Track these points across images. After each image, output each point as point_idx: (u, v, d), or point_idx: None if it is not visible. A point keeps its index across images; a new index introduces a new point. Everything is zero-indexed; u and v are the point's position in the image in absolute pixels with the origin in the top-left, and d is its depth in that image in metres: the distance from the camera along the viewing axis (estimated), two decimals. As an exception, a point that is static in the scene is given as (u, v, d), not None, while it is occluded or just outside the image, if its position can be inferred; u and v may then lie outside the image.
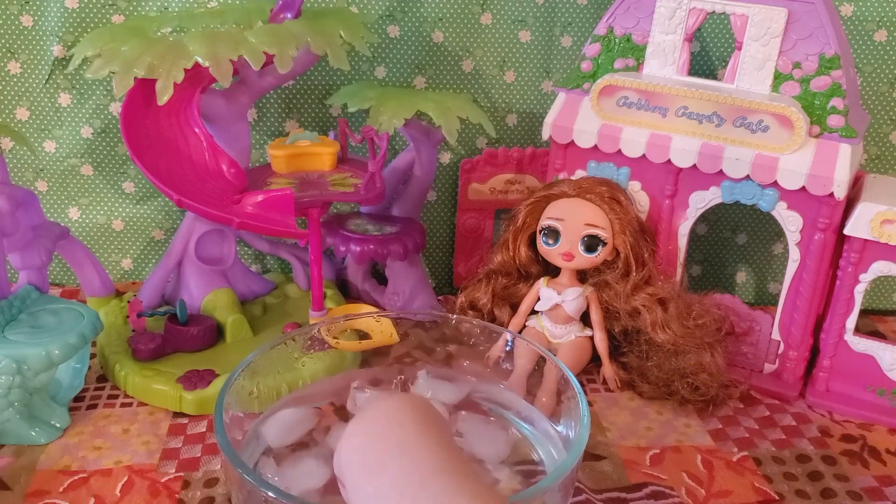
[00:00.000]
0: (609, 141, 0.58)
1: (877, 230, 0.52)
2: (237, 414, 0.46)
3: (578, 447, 0.36)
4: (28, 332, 0.50)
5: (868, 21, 0.65)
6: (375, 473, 0.26)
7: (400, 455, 0.26)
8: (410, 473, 0.25)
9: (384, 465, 0.27)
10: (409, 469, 0.26)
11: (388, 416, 0.29)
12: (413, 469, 0.25)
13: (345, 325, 0.53)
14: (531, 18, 0.67)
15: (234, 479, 0.39)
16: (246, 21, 0.59)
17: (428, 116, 0.60)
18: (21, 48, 0.64)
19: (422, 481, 0.25)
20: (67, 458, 0.48)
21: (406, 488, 0.25)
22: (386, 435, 0.28)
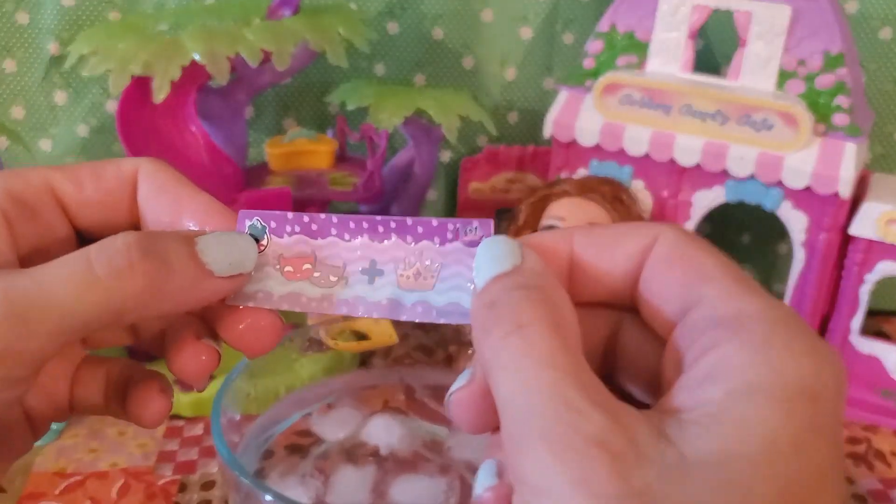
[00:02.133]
0: (611, 139, 0.57)
1: (882, 230, 0.52)
2: (234, 416, 0.46)
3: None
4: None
5: (873, 18, 0.64)
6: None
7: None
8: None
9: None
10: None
11: None
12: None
13: (343, 325, 0.52)
14: (532, 15, 0.67)
15: (231, 482, 0.39)
16: (243, 18, 0.58)
17: (428, 114, 0.59)
18: (16, 46, 0.64)
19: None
20: (63, 461, 0.48)
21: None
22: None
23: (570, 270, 0.22)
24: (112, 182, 0.24)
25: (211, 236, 0.22)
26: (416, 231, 0.22)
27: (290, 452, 0.47)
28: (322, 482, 0.44)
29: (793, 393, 0.17)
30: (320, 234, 0.23)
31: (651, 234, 0.21)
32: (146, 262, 0.20)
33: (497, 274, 0.20)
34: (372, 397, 0.52)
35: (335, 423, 0.48)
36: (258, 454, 0.47)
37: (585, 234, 0.22)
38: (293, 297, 0.23)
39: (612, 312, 0.23)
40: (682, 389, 0.19)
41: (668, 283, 0.21)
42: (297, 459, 0.47)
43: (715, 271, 0.20)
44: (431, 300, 0.22)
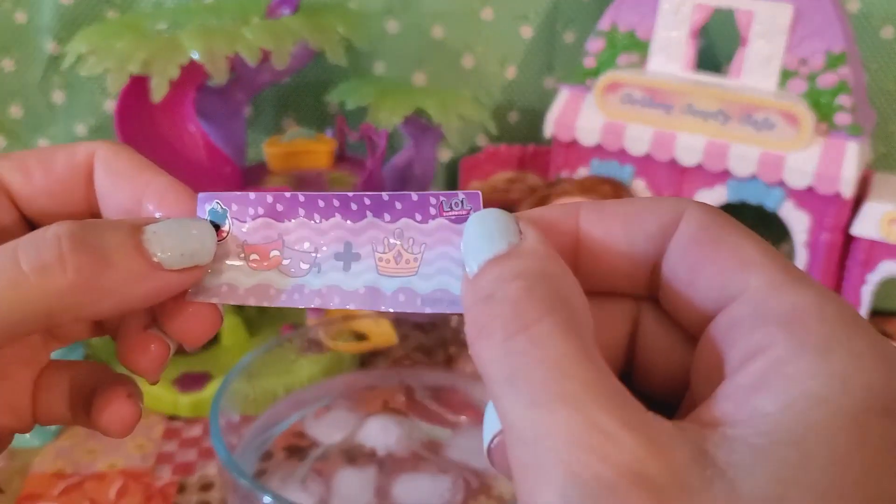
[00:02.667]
0: (612, 138, 0.57)
1: (885, 230, 0.52)
2: (233, 417, 0.45)
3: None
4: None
5: (875, 18, 0.64)
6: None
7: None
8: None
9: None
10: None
11: None
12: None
13: (343, 326, 0.52)
14: (533, 13, 0.67)
15: (230, 483, 0.39)
16: (242, 17, 0.58)
17: (427, 114, 0.59)
18: (15, 45, 0.64)
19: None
20: (61, 462, 0.48)
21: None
22: None
23: (577, 252, 0.19)
24: (63, 169, 0.22)
25: (161, 224, 0.20)
26: (395, 207, 0.19)
27: (289, 454, 0.47)
28: (324, 487, 0.44)
29: (863, 408, 0.14)
30: (287, 215, 0.20)
31: (674, 210, 0.18)
32: (78, 254, 0.18)
33: (492, 256, 0.17)
34: (372, 398, 0.52)
35: (330, 427, 0.48)
36: (257, 455, 0.47)
37: (595, 208, 0.19)
38: (261, 290, 0.20)
39: (627, 302, 0.19)
40: (727, 398, 0.15)
41: (700, 269, 0.17)
42: (295, 462, 0.47)
43: (757, 256, 0.17)
44: (415, 286, 0.19)
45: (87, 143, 0.22)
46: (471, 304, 0.17)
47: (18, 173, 0.22)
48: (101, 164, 0.22)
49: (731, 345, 0.16)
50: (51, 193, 0.22)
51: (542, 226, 0.18)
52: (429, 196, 0.19)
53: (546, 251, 0.17)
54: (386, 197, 0.19)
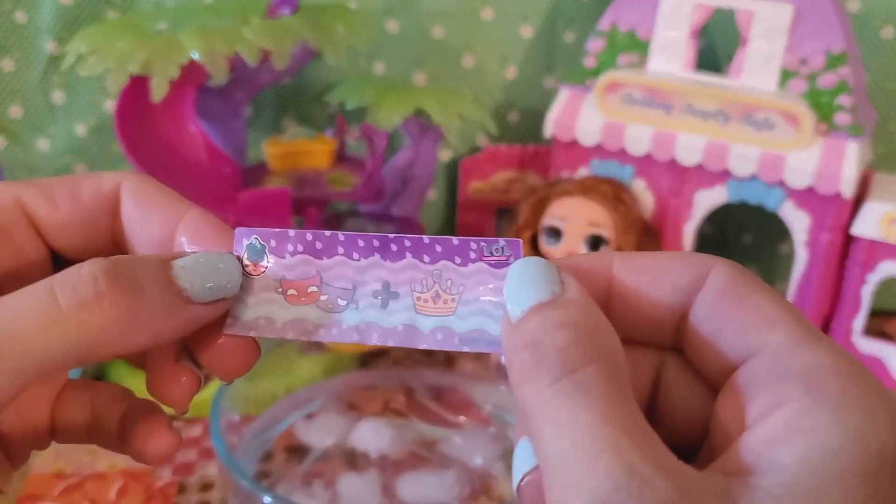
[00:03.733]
0: (612, 138, 0.57)
1: (885, 230, 0.52)
2: (233, 417, 0.45)
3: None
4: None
5: (875, 18, 0.64)
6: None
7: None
8: None
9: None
10: None
11: None
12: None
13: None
14: (533, 13, 0.67)
15: (230, 483, 0.39)
16: (242, 17, 0.58)
17: (427, 114, 0.59)
18: (15, 45, 0.64)
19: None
20: (61, 462, 0.48)
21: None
22: None
23: (609, 300, 0.19)
24: (90, 201, 0.22)
25: (189, 259, 0.20)
26: (434, 250, 0.20)
27: (290, 455, 0.47)
28: (330, 492, 0.44)
29: (876, 462, 0.15)
30: (326, 252, 0.21)
31: (703, 266, 0.19)
32: (115, 292, 0.18)
33: (536, 304, 0.18)
34: (372, 398, 0.52)
35: (322, 431, 0.48)
36: (257, 455, 0.47)
37: (627, 259, 0.20)
38: (298, 324, 0.21)
39: (652, 351, 0.20)
40: (748, 450, 0.16)
41: (724, 324, 0.18)
42: (295, 463, 0.47)
43: (779, 314, 0.18)
44: (453, 326, 0.20)
45: (112, 174, 0.22)
46: (516, 349, 0.18)
47: (45, 202, 0.22)
48: (129, 195, 0.22)
49: (750, 398, 0.17)
50: (76, 224, 0.22)
51: (579, 274, 0.19)
52: (469, 241, 0.20)
53: (587, 300, 0.18)
54: (427, 240, 0.20)
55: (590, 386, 0.16)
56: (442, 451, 0.48)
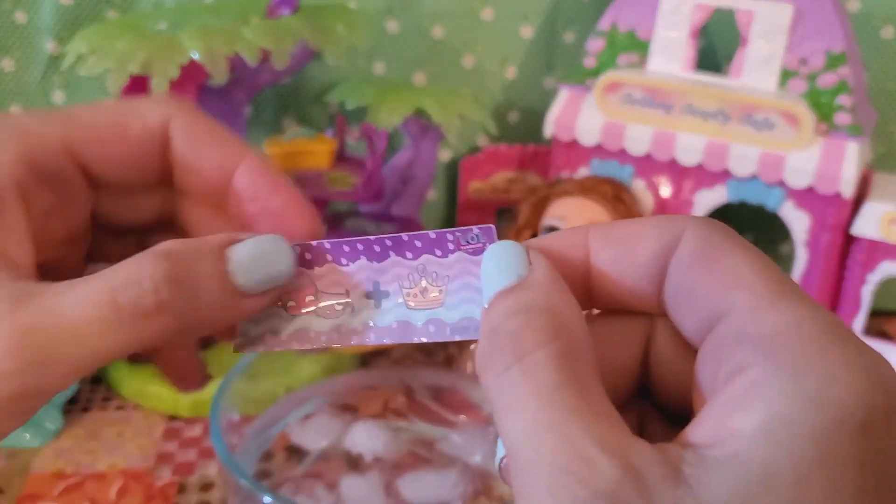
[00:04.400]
0: (612, 138, 0.57)
1: (885, 230, 0.52)
2: (233, 417, 0.45)
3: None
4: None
5: (875, 18, 0.64)
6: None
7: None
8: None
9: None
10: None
11: None
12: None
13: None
14: (533, 13, 0.67)
15: (230, 483, 0.39)
16: (242, 17, 0.58)
17: (427, 114, 0.59)
18: (15, 45, 0.64)
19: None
20: (61, 462, 0.48)
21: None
22: None
23: (589, 275, 0.19)
24: (138, 140, 0.21)
25: (245, 251, 0.20)
26: (415, 246, 0.20)
27: (290, 455, 0.47)
28: (334, 495, 0.44)
29: (834, 428, 0.15)
30: (316, 262, 0.21)
31: (675, 229, 0.18)
32: (174, 300, 0.19)
33: (500, 289, 0.18)
34: (372, 398, 0.52)
35: (316, 433, 0.48)
36: (257, 455, 0.47)
37: (602, 232, 0.19)
38: (301, 334, 0.21)
39: (640, 318, 0.20)
40: (707, 419, 0.16)
41: (693, 290, 0.18)
42: (295, 462, 0.47)
43: (747, 274, 0.17)
44: (443, 317, 0.20)
45: (158, 108, 0.22)
46: (480, 337, 0.18)
47: (94, 146, 0.21)
48: (180, 135, 0.22)
49: (715, 367, 0.17)
50: (125, 163, 0.22)
51: (552, 254, 0.19)
52: (445, 233, 0.20)
53: (551, 282, 0.18)
54: (405, 237, 0.20)
55: (537, 370, 0.16)
56: (441, 449, 0.48)
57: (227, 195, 0.22)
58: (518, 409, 0.16)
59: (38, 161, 0.21)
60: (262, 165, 0.22)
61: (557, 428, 0.16)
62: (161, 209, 0.23)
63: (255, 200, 0.21)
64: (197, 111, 0.22)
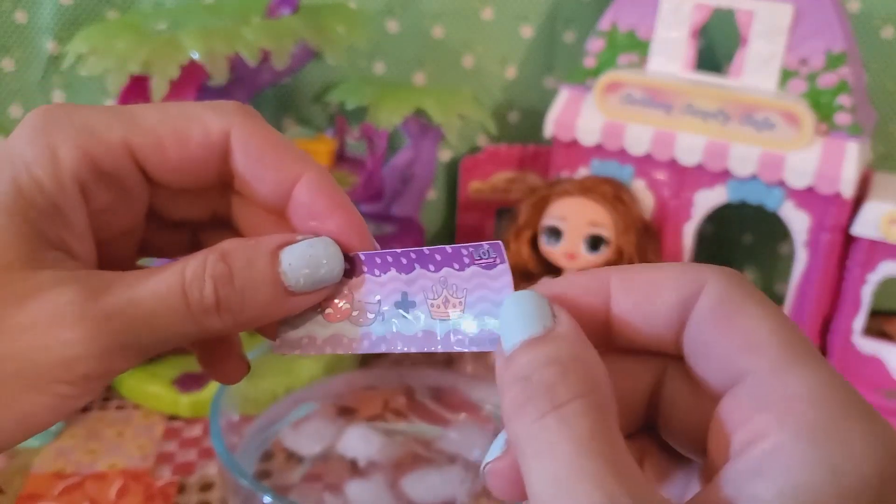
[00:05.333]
0: (612, 138, 0.57)
1: (885, 230, 0.52)
2: (233, 417, 0.45)
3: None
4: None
5: (875, 18, 0.64)
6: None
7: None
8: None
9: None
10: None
11: None
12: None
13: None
14: (533, 13, 0.67)
15: (230, 483, 0.39)
16: (242, 16, 0.58)
17: (427, 114, 0.59)
18: (15, 45, 0.64)
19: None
20: (61, 462, 0.48)
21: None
22: None
23: (608, 320, 0.20)
24: (198, 149, 0.22)
25: (296, 252, 0.21)
26: (436, 259, 0.22)
27: (290, 455, 0.47)
28: (341, 500, 0.44)
29: (851, 496, 0.15)
30: (353, 272, 0.23)
31: (696, 282, 0.19)
32: (232, 298, 0.20)
33: (527, 339, 0.18)
34: (372, 398, 0.52)
35: (309, 438, 0.48)
36: (257, 455, 0.47)
37: (623, 279, 0.20)
38: (336, 340, 0.23)
39: (656, 358, 0.20)
40: (729, 482, 0.16)
41: (712, 348, 0.18)
42: (295, 462, 0.47)
43: (766, 335, 0.17)
44: (463, 328, 0.21)
45: (219, 117, 0.22)
46: (508, 384, 0.18)
47: (154, 151, 0.22)
48: (240, 147, 0.22)
49: (735, 427, 0.17)
50: (184, 170, 0.22)
51: (574, 306, 0.19)
52: (460, 248, 0.21)
53: (578, 337, 0.18)
54: (427, 251, 0.22)
55: (573, 420, 0.17)
56: (441, 448, 0.48)
57: (285, 207, 0.22)
58: (551, 456, 0.16)
59: (99, 160, 0.21)
60: (323, 183, 0.22)
61: (594, 478, 0.16)
62: (217, 208, 0.24)
63: (313, 218, 0.22)
64: (259, 121, 0.22)
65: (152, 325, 0.20)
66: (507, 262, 0.21)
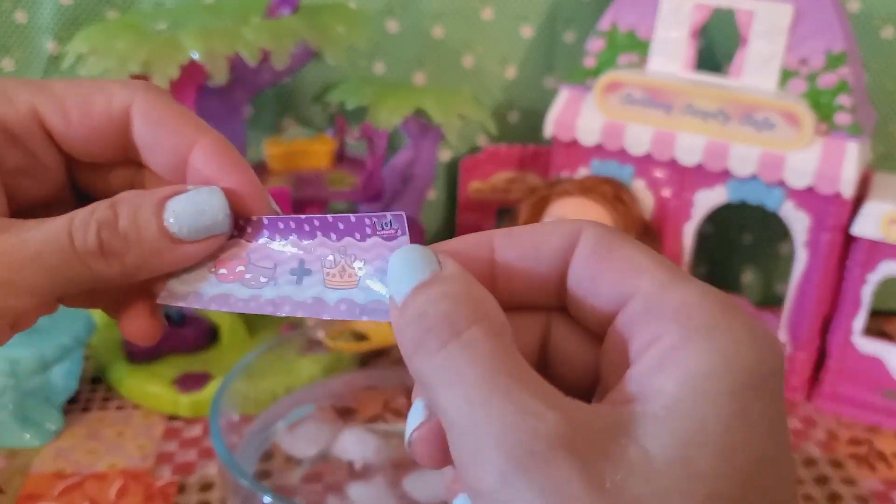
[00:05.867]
0: (612, 138, 0.57)
1: (885, 230, 0.52)
2: (233, 417, 0.45)
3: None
4: (21, 334, 0.49)
5: (875, 18, 0.64)
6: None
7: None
8: None
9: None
10: None
11: None
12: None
13: (343, 326, 0.52)
14: (533, 13, 0.67)
15: (230, 483, 0.39)
16: (242, 16, 0.58)
17: (427, 114, 0.59)
18: (15, 45, 0.64)
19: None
20: (61, 462, 0.48)
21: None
22: None
23: (493, 274, 0.21)
24: (101, 117, 0.23)
25: (180, 201, 0.22)
26: (338, 228, 0.22)
27: (289, 455, 0.47)
28: (343, 501, 0.44)
29: (742, 383, 0.17)
30: (253, 236, 0.23)
31: (573, 231, 0.21)
32: (116, 243, 0.21)
33: (417, 284, 0.19)
34: (371, 399, 0.52)
35: (304, 442, 0.48)
36: (257, 455, 0.47)
37: (505, 236, 0.21)
38: (222, 298, 0.23)
39: (539, 314, 0.22)
40: (632, 381, 0.18)
41: (598, 279, 0.20)
42: (295, 462, 0.47)
43: (646, 263, 0.20)
44: (355, 297, 0.21)
45: (124, 90, 0.23)
46: (404, 325, 0.19)
47: (59, 116, 0.23)
48: (140, 117, 0.23)
49: (630, 338, 0.19)
50: (89, 137, 0.23)
51: (458, 256, 0.20)
52: (363, 217, 0.22)
53: (465, 275, 0.20)
54: (331, 219, 0.22)
55: (474, 344, 0.18)
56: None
57: (185, 175, 0.23)
58: (459, 380, 0.17)
59: (8, 122, 0.22)
60: (217, 147, 0.23)
61: (502, 392, 0.17)
62: (134, 184, 0.25)
63: (208, 182, 0.23)
64: (163, 95, 0.23)
65: (39, 265, 0.21)
66: (407, 234, 0.21)
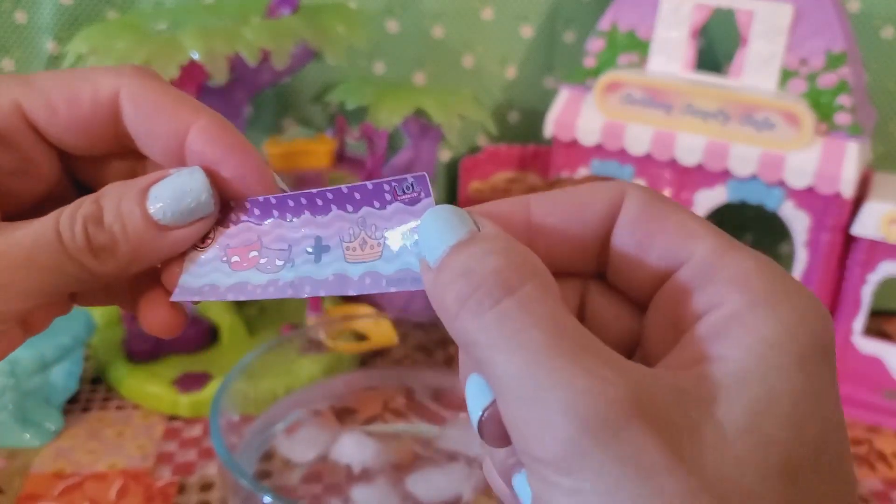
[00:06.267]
0: (612, 138, 0.57)
1: (885, 230, 0.52)
2: (233, 417, 0.45)
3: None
4: (20, 334, 0.49)
5: (875, 18, 0.64)
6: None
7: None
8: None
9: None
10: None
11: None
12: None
13: (343, 326, 0.52)
14: (533, 13, 0.67)
15: (230, 483, 0.39)
16: (242, 16, 0.58)
17: (427, 114, 0.59)
18: (15, 45, 0.64)
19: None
20: (61, 462, 0.48)
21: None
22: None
23: (530, 240, 0.20)
24: (88, 108, 0.22)
25: (162, 187, 0.21)
26: (355, 198, 0.20)
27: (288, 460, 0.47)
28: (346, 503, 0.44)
29: (808, 352, 0.17)
30: (263, 218, 0.22)
31: (615, 194, 0.20)
32: (102, 238, 0.21)
33: (454, 244, 0.18)
34: (371, 399, 0.52)
35: (302, 444, 0.47)
36: (257, 455, 0.47)
37: (543, 199, 0.20)
38: (239, 287, 0.22)
39: (574, 281, 0.21)
40: (692, 347, 0.17)
41: (647, 244, 0.19)
42: (294, 464, 0.47)
43: (699, 228, 0.19)
44: (380, 269, 0.20)
45: (110, 77, 0.22)
46: (447, 284, 0.17)
47: (44, 110, 0.22)
48: (130, 104, 0.22)
49: (685, 303, 0.18)
50: (78, 130, 0.22)
51: (493, 218, 0.19)
52: (382, 183, 0.20)
53: (505, 235, 0.18)
54: (345, 189, 0.20)
55: (531, 302, 0.17)
56: (441, 446, 0.48)
57: (185, 161, 0.22)
58: (518, 344, 0.16)
59: None
60: (215, 128, 0.22)
61: (568, 355, 0.16)
62: (134, 173, 0.24)
63: (210, 165, 0.22)
64: (152, 78, 0.22)
65: (31, 265, 0.20)
66: (432, 196, 0.19)
